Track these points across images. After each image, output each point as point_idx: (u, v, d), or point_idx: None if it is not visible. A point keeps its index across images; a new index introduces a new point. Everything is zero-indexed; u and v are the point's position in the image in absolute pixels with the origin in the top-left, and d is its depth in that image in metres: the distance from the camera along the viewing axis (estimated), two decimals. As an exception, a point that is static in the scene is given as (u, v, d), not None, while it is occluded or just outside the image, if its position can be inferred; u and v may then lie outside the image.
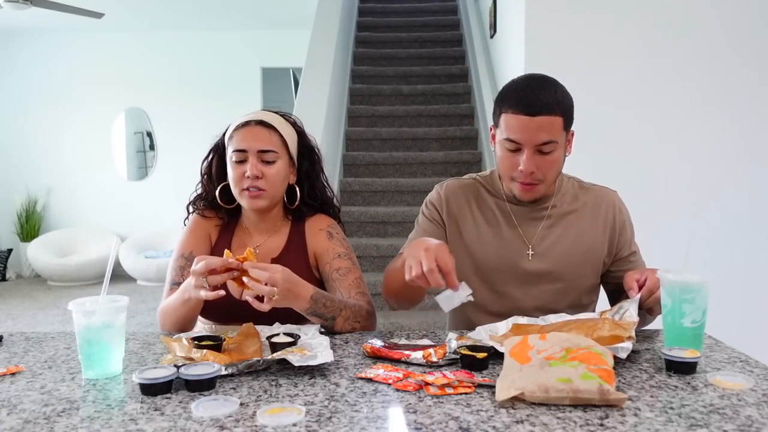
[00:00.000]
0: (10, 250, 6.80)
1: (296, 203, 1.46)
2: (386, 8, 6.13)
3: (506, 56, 3.84)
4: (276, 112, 1.46)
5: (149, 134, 7.21)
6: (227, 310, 1.36)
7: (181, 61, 7.02)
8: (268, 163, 1.37)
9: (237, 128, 1.40)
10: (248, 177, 1.35)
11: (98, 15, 5.02)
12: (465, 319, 1.44)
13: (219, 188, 1.44)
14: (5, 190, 6.92)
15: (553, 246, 1.39)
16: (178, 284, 1.35)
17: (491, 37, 4.45)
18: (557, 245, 1.39)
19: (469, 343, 1.07)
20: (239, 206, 1.46)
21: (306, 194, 1.47)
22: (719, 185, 2.99)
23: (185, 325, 1.29)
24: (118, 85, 7.02)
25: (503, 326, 1.19)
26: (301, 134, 1.48)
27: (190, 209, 1.50)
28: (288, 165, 1.42)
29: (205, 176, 1.49)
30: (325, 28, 4.13)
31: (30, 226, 6.85)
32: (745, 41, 2.98)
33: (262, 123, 1.39)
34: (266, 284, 1.12)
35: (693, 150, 2.99)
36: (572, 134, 1.36)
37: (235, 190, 1.40)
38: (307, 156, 1.48)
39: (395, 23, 5.93)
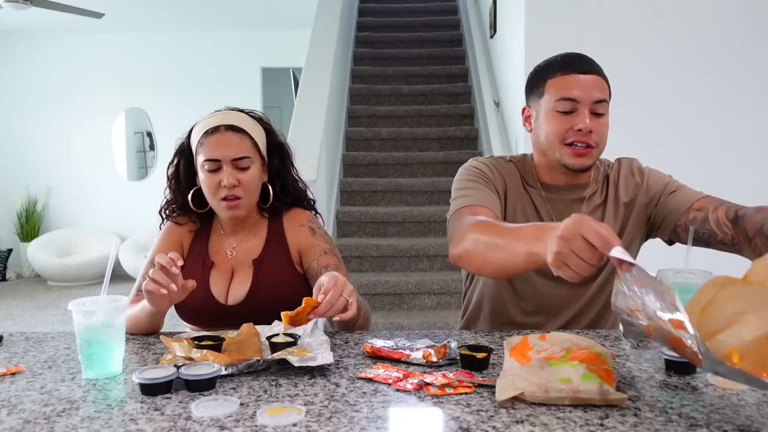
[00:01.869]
0: (10, 250, 6.80)
1: (269, 202, 1.43)
2: (386, 8, 6.13)
3: (506, 56, 3.84)
4: (241, 110, 1.42)
5: (149, 134, 7.22)
6: (215, 316, 1.36)
7: (181, 61, 7.02)
8: (243, 169, 1.34)
9: (206, 134, 1.35)
10: (225, 186, 1.33)
11: (98, 15, 5.02)
12: (501, 313, 1.38)
13: (191, 194, 1.41)
14: (5, 190, 6.92)
15: None
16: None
17: (491, 37, 4.45)
18: None
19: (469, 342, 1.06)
20: (212, 209, 1.42)
21: (278, 191, 1.45)
22: (720, 183, 2.97)
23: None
24: (118, 85, 7.02)
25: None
26: (269, 131, 1.45)
27: (163, 215, 1.47)
28: (261, 166, 1.40)
29: (173, 181, 1.45)
30: (325, 28, 4.13)
31: (30, 226, 6.85)
32: (744, 39, 2.98)
33: (232, 128, 1.35)
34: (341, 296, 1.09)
35: (694, 147, 2.99)
36: None
37: (212, 200, 1.37)
38: (276, 153, 1.45)
39: (395, 23, 5.93)
